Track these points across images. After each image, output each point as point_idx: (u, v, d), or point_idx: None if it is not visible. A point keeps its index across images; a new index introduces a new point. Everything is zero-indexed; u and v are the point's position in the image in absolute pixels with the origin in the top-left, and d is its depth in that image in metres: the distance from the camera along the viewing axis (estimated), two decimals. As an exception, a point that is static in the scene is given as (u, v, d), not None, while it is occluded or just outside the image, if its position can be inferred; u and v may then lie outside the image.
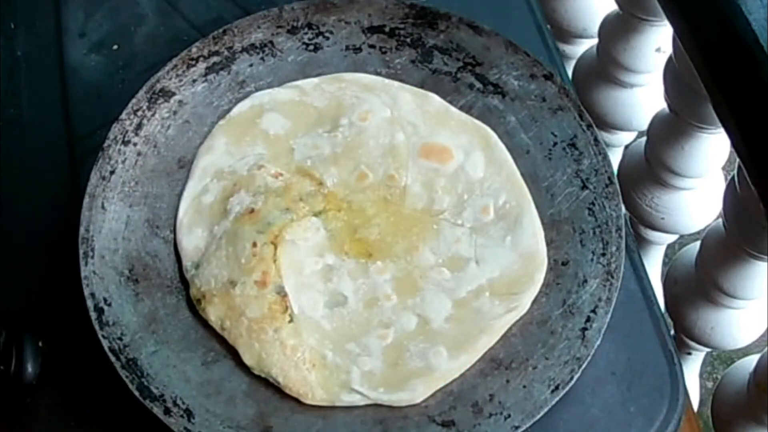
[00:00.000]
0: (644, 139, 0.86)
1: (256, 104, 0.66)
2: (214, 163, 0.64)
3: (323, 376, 0.56)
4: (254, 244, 0.59)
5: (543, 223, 0.61)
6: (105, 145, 0.62)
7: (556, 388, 0.54)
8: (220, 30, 0.67)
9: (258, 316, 0.57)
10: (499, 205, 0.62)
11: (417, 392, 0.56)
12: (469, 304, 0.59)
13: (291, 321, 0.57)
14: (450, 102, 0.66)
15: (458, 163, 0.63)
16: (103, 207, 0.60)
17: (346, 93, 0.66)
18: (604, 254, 0.59)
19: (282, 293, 0.58)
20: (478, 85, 0.66)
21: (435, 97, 0.66)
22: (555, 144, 0.63)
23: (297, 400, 0.56)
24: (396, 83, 0.67)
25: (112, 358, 0.55)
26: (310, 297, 0.58)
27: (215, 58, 0.67)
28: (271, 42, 0.68)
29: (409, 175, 0.63)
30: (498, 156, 0.64)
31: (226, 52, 0.67)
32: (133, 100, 0.64)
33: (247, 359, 0.56)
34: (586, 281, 0.58)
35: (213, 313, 0.58)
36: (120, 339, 0.56)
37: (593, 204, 0.61)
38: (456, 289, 0.59)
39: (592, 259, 0.59)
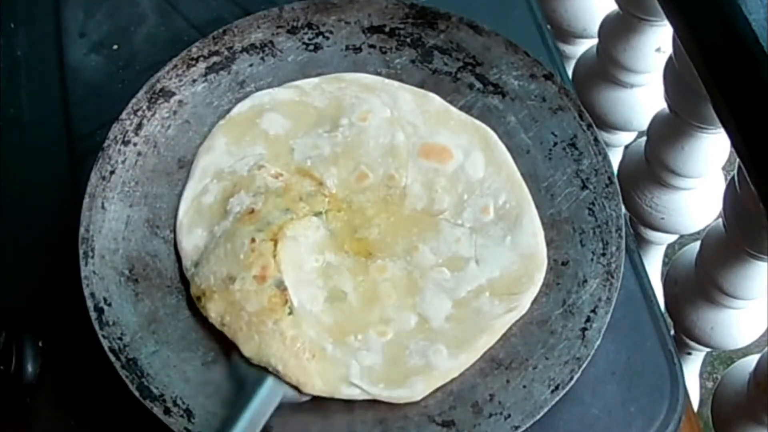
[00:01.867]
0: (644, 139, 0.86)
1: (256, 104, 0.66)
2: (214, 163, 0.64)
3: (323, 367, 0.56)
4: (252, 240, 0.59)
5: (543, 223, 0.61)
6: (105, 145, 0.62)
7: (556, 388, 0.54)
8: (220, 30, 0.67)
9: (257, 310, 0.57)
10: (499, 205, 0.62)
11: (416, 390, 0.56)
12: (469, 304, 0.59)
13: (291, 313, 0.57)
14: (450, 102, 0.66)
15: (458, 163, 0.63)
16: (103, 207, 0.60)
17: (346, 93, 0.66)
18: (604, 254, 0.59)
19: (282, 287, 0.57)
20: (478, 85, 0.66)
21: (435, 97, 0.66)
22: (555, 144, 0.63)
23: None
24: (396, 83, 0.67)
25: (112, 358, 0.55)
26: (309, 292, 0.58)
27: (215, 58, 0.67)
28: (271, 42, 0.68)
29: (409, 175, 0.63)
30: (498, 156, 0.64)
31: (226, 52, 0.67)
32: (133, 100, 0.64)
33: (247, 351, 0.56)
34: (586, 281, 0.58)
35: (213, 310, 0.58)
36: (120, 339, 0.56)
37: (593, 204, 0.61)
38: (456, 289, 0.59)
39: (592, 259, 0.59)
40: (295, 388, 0.55)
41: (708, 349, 0.86)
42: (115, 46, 0.74)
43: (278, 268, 0.58)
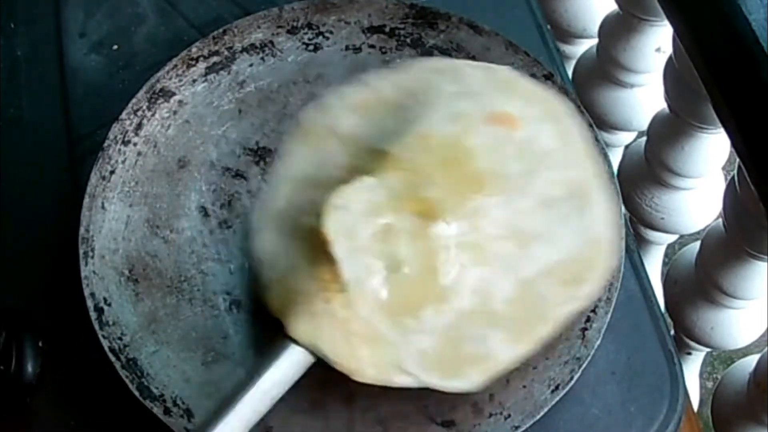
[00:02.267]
0: (644, 139, 0.86)
1: (326, 105, 0.63)
2: (290, 170, 0.61)
3: (375, 352, 0.52)
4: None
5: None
6: (105, 145, 0.62)
7: (556, 388, 0.54)
8: (220, 30, 0.67)
9: (309, 289, 0.53)
10: (569, 180, 0.57)
11: (472, 380, 0.53)
12: (531, 287, 0.54)
13: (343, 291, 0.53)
14: (450, 102, 0.66)
15: (527, 133, 0.58)
16: (103, 207, 0.60)
17: (414, 78, 0.63)
18: (604, 254, 0.59)
19: (333, 262, 0.53)
20: (478, 85, 0.66)
21: (503, 68, 0.63)
22: (555, 144, 0.63)
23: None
24: (461, 61, 0.64)
25: (112, 358, 0.55)
26: (363, 263, 0.54)
27: (215, 58, 0.67)
28: (271, 42, 0.68)
29: (476, 139, 0.58)
30: (570, 129, 0.59)
31: (226, 52, 0.67)
32: (133, 100, 0.64)
33: (293, 331, 0.52)
34: (586, 281, 0.58)
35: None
36: (120, 339, 0.56)
37: (593, 204, 0.61)
38: (519, 268, 0.55)
39: (592, 259, 0.59)
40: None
41: (708, 349, 0.86)
42: (115, 46, 0.74)
43: (328, 240, 0.54)
